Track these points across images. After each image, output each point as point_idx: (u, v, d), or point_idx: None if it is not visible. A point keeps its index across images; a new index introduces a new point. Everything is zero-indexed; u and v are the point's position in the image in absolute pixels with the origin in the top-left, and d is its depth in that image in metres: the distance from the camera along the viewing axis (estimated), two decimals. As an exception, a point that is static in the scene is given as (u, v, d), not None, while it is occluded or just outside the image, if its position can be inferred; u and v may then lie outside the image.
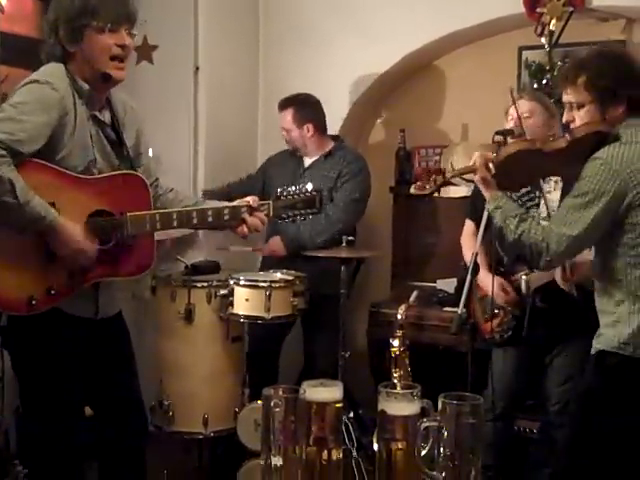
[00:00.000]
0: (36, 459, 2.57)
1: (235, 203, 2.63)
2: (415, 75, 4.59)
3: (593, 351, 2.42)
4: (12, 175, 2.21)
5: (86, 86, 2.44)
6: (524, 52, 4.20)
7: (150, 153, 2.88)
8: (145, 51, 4.23)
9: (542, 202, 3.06)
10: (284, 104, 3.98)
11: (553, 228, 2.35)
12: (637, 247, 2.30)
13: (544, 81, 3.76)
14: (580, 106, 2.39)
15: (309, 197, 2.66)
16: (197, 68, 4.21)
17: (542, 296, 3.03)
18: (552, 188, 3.09)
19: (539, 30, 3.77)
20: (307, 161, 4.02)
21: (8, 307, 2.36)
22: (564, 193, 2.45)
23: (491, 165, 2.43)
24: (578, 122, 2.41)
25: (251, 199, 2.62)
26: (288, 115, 3.95)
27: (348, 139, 4.59)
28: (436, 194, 4.14)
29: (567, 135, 2.39)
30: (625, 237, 2.31)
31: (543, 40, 3.78)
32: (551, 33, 3.75)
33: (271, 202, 2.64)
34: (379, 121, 4.76)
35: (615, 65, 2.40)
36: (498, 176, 2.44)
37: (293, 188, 2.66)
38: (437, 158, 4.39)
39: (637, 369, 2.32)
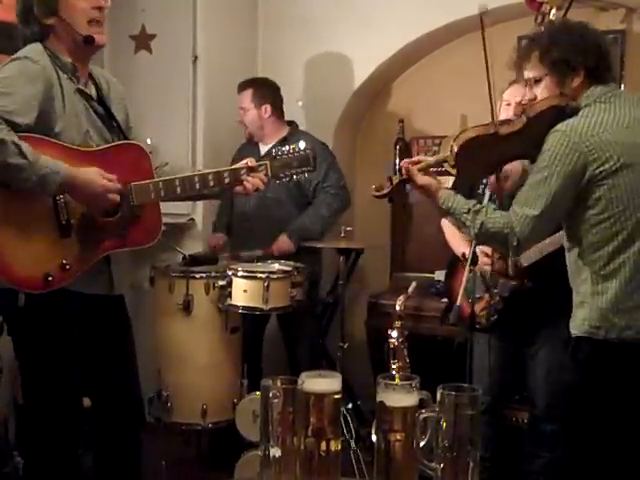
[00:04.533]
0: (34, 448, 2.58)
1: (234, 166, 2.67)
2: (414, 65, 4.58)
3: (571, 336, 2.37)
4: (14, 138, 2.23)
5: (68, 59, 2.46)
6: (524, 42, 4.18)
7: (148, 142, 2.87)
8: (143, 40, 4.23)
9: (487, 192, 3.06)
10: (243, 85, 4.02)
11: (516, 210, 2.27)
12: (601, 223, 2.23)
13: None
14: (537, 81, 2.34)
15: (303, 155, 2.68)
16: (196, 57, 4.20)
17: (531, 276, 3.01)
18: None
19: (539, 20, 3.75)
20: (263, 148, 4.01)
21: (24, 285, 2.37)
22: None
23: (450, 156, 2.35)
24: (539, 98, 2.35)
25: (249, 160, 2.66)
26: (247, 95, 3.99)
27: (347, 129, 4.59)
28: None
29: (523, 116, 2.33)
30: (588, 213, 2.23)
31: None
32: (551, 23, 3.73)
33: (268, 162, 2.67)
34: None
35: (566, 35, 2.34)
36: (460, 165, 2.36)
37: (287, 147, 2.69)
38: (436, 149, 4.37)
39: (611, 353, 2.27)
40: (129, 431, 2.67)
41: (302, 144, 2.70)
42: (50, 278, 2.35)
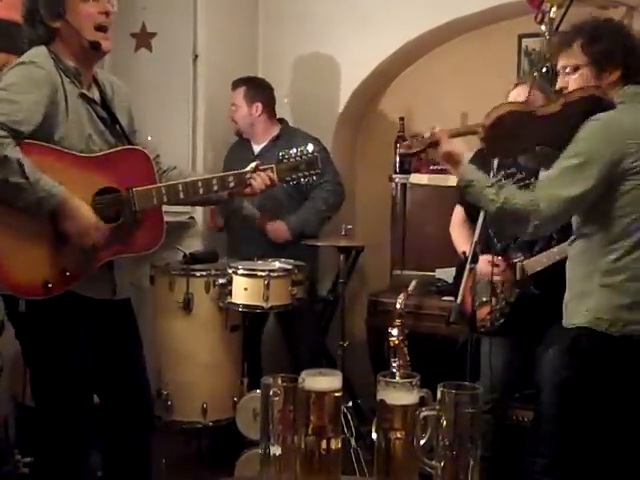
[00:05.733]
0: (44, 448, 2.56)
1: (240, 171, 2.64)
2: (415, 63, 4.58)
3: (566, 326, 2.37)
4: (19, 155, 2.22)
5: (71, 64, 2.44)
6: (524, 40, 4.19)
7: (149, 139, 2.86)
8: (144, 38, 4.22)
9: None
10: (237, 83, 4.03)
11: (545, 189, 2.26)
12: (623, 217, 2.23)
13: (544, 69, 3.74)
14: (575, 69, 2.35)
15: (311, 158, 2.65)
16: (196, 56, 4.20)
17: (536, 283, 3.01)
18: None
19: (539, 18, 3.73)
20: (256, 148, 4.01)
21: (24, 292, 2.35)
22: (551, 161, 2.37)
23: (481, 129, 2.31)
24: (572, 87, 2.36)
25: (255, 164, 2.63)
26: (240, 92, 4.00)
27: (347, 127, 4.58)
28: (435, 183, 4.15)
29: (561, 99, 2.32)
30: (613, 205, 2.24)
31: (543, 28, 3.75)
32: (551, 21, 3.72)
33: (274, 166, 2.64)
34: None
35: (612, 30, 2.37)
36: (488, 140, 2.33)
37: (294, 150, 2.66)
38: (436, 147, 4.37)
39: (611, 347, 2.26)
40: (138, 432, 2.66)
41: (310, 147, 2.67)
42: (50, 285, 2.34)
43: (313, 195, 3.93)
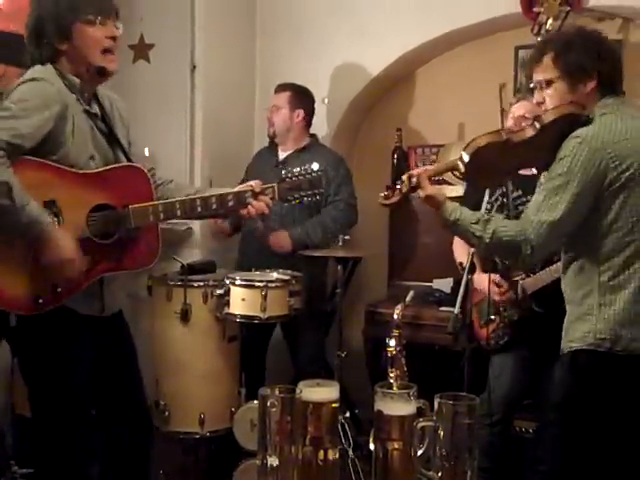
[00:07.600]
0: (45, 462, 2.54)
1: (238, 188, 2.58)
2: (412, 74, 4.59)
3: (565, 349, 2.31)
4: (9, 177, 2.20)
5: (77, 80, 2.43)
6: (520, 51, 4.20)
7: (146, 152, 2.87)
8: (142, 50, 4.23)
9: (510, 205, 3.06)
10: (284, 86, 4.03)
11: (530, 217, 2.21)
12: (613, 232, 2.19)
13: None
14: (548, 83, 2.29)
15: (315, 177, 2.59)
16: (194, 67, 4.21)
17: (538, 301, 3.02)
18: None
19: (536, 29, 3.76)
20: (282, 155, 4.01)
21: (14, 306, 2.34)
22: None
23: (461, 164, 2.26)
24: (548, 102, 2.30)
25: (254, 183, 2.57)
26: (284, 96, 3.99)
27: (345, 138, 4.59)
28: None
29: (535, 123, 2.26)
30: (601, 221, 2.19)
31: (539, 39, 3.78)
32: (548, 32, 3.75)
33: (276, 185, 2.57)
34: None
35: (583, 40, 2.30)
36: (470, 174, 2.28)
37: (298, 169, 2.60)
38: (434, 157, 4.39)
39: (615, 366, 2.22)
40: (138, 444, 2.66)
41: (315, 166, 2.60)
42: (40, 300, 2.32)
43: (324, 211, 3.93)
